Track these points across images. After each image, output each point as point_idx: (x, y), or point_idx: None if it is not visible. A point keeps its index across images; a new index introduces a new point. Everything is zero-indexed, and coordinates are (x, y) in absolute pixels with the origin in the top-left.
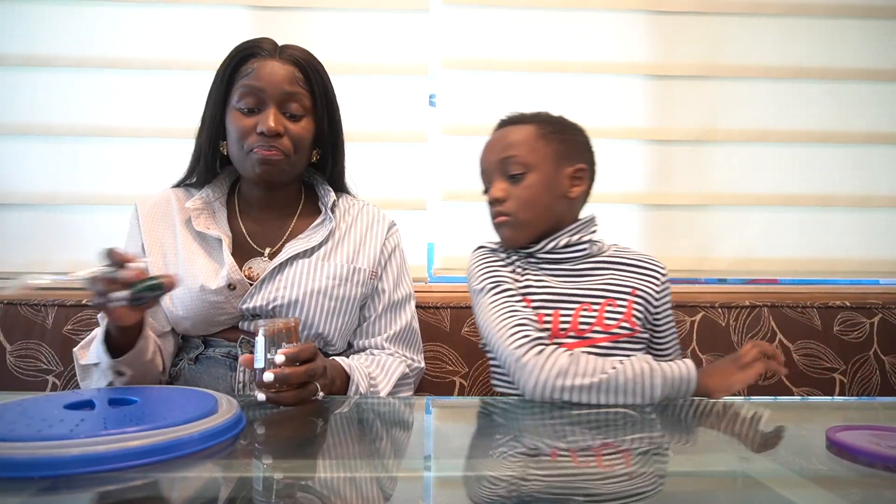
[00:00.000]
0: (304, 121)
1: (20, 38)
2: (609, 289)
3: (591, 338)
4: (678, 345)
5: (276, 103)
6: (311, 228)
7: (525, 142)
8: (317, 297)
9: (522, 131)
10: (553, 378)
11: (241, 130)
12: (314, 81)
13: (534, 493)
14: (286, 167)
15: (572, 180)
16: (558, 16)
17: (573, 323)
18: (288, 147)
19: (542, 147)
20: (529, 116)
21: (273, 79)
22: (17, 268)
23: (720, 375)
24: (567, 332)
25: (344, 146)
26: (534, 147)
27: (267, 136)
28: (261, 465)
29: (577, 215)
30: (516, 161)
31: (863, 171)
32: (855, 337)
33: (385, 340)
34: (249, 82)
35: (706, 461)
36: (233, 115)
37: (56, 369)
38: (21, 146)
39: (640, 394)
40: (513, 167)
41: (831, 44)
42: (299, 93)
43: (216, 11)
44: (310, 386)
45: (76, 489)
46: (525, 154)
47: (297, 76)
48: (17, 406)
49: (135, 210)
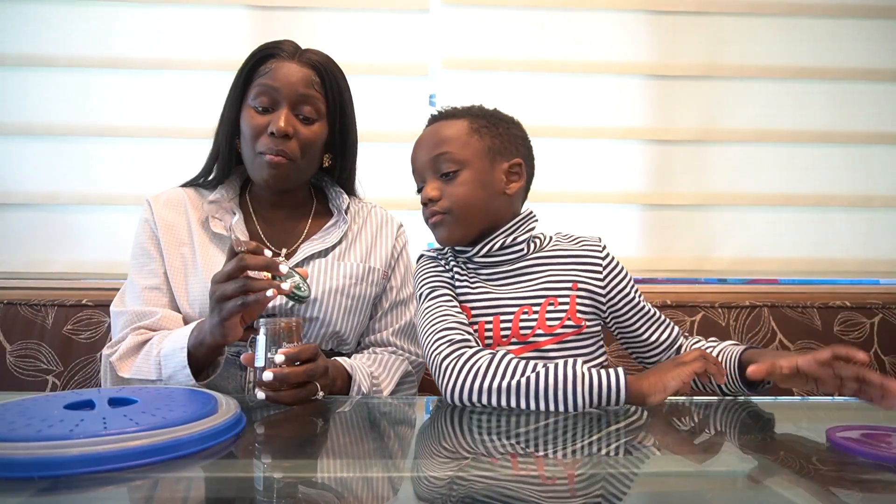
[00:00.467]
0: (317, 125)
1: (20, 38)
2: (549, 287)
3: (535, 342)
4: (664, 323)
5: (290, 104)
6: (325, 230)
7: (457, 138)
8: (335, 295)
9: (454, 127)
10: (469, 381)
11: (253, 129)
12: (329, 86)
13: (534, 493)
14: (292, 172)
15: (509, 176)
16: (558, 16)
17: (514, 328)
18: (295, 150)
19: (475, 142)
20: (461, 111)
21: (289, 80)
22: (17, 268)
23: (656, 375)
24: (509, 338)
25: (356, 152)
26: (466, 143)
27: (276, 136)
28: (261, 465)
29: (517, 212)
30: (448, 158)
31: (863, 171)
32: (855, 337)
33: (391, 335)
34: (265, 81)
35: (706, 461)
36: (247, 113)
37: (56, 369)
38: (21, 146)
39: (560, 401)
40: (445, 164)
41: (831, 44)
42: (313, 96)
43: (216, 11)
44: (309, 386)
45: (76, 489)
46: (457, 150)
47: (314, 79)
48: (17, 406)
49: (148, 206)
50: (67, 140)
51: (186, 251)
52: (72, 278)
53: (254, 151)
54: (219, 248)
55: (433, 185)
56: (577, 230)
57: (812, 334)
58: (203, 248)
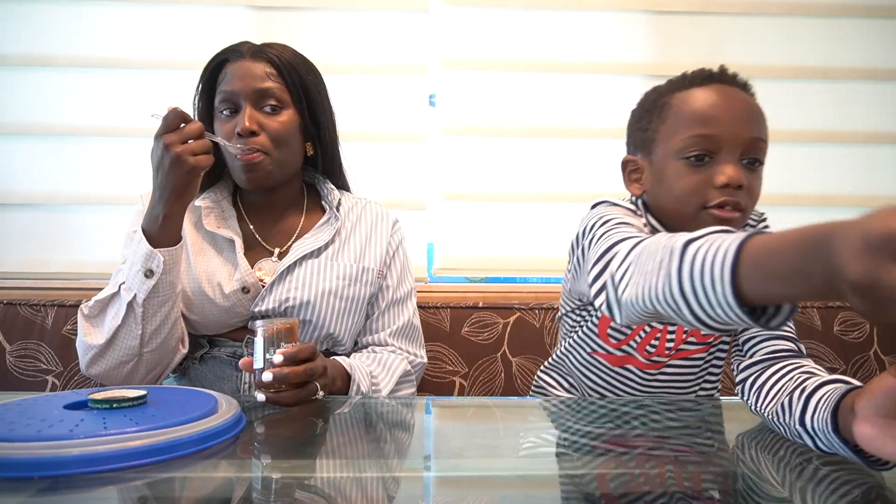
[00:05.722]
0: (284, 114)
1: (20, 38)
2: None
3: (685, 349)
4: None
5: (251, 102)
6: (317, 227)
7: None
8: (328, 297)
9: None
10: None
11: (223, 136)
12: (288, 73)
13: (534, 494)
14: (270, 167)
15: None
16: (558, 16)
17: (677, 337)
18: (266, 144)
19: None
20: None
21: (244, 79)
22: (17, 268)
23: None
24: (673, 348)
25: (336, 138)
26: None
27: (242, 136)
28: (261, 465)
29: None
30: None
31: (863, 171)
32: (855, 337)
33: (388, 336)
34: (224, 88)
35: (706, 461)
36: (217, 123)
37: (56, 369)
38: (21, 146)
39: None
40: (763, 152)
41: (831, 44)
42: (272, 87)
43: (216, 11)
44: (309, 386)
45: (76, 489)
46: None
47: (268, 71)
48: (17, 406)
49: (141, 202)
50: (67, 140)
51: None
52: (71, 278)
53: (230, 156)
54: (212, 246)
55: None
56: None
57: (812, 334)
58: (196, 247)
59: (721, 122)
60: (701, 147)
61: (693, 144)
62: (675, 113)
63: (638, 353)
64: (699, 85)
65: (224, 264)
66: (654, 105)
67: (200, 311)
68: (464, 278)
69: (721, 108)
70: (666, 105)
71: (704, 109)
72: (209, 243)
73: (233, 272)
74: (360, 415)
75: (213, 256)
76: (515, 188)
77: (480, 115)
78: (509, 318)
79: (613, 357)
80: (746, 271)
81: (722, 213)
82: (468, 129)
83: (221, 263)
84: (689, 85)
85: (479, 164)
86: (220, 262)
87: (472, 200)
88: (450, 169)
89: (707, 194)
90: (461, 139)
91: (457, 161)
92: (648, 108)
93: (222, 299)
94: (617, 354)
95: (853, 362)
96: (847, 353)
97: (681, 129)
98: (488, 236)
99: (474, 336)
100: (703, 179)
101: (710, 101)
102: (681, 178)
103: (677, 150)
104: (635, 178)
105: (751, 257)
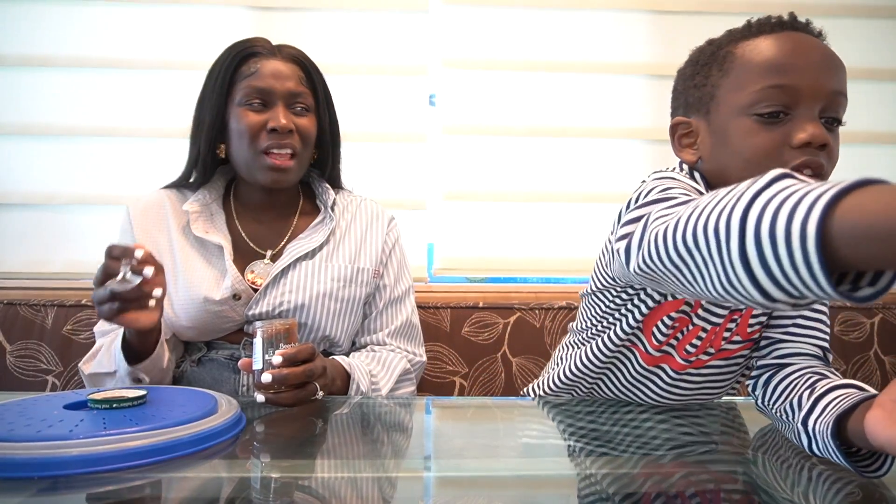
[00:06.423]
0: (310, 117)
1: (20, 38)
2: None
3: (728, 349)
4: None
5: (285, 102)
6: (312, 228)
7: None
8: (323, 299)
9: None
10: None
11: (250, 127)
12: (315, 80)
13: (535, 494)
14: (297, 168)
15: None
16: (558, 16)
17: (717, 338)
18: (297, 145)
19: None
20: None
21: (279, 78)
22: (17, 268)
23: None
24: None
25: (339, 143)
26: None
27: (280, 132)
28: (260, 465)
29: None
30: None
31: (863, 171)
32: (855, 337)
33: (387, 336)
34: (255, 83)
35: (706, 461)
36: (240, 114)
37: (56, 369)
38: (21, 146)
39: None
40: (842, 109)
41: (831, 44)
42: (304, 91)
43: (216, 11)
44: (309, 386)
45: (76, 489)
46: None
47: (300, 75)
48: (17, 406)
49: (126, 213)
50: (66, 140)
51: (167, 260)
52: (71, 278)
53: (253, 150)
54: (200, 252)
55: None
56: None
57: None
58: (184, 253)
59: (800, 71)
60: (776, 100)
61: (766, 98)
62: (743, 63)
63: (676, 353)
64: (769, 32)
65: (213, 271)
66: (712, 57)
67: (193, 319)
68: (464, 278)
69: (799, 55)
70: (729, 55)
71: (780, 57)
72: (197, 250)
73: (221, 278)
74: (359, 415)
75: (201, 264)
76: (515, 188)
77: (480, 115)
78: (509, 318)
79: (649, 357)
80: (843, 220)
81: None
82: (468, 129)
83: (210, 269)
84: (756, 33)
85: (479, 163)
86: (207, 269)
87: (472, 200)
88: (450, 169)
89: (783, 155)
90: (461, 139)
91: (457, 161)
92: (705, 62)
93: (213, 306)
94: (654, 355)
95: (853, 362)
96: (847, 353)
97: (750, 80)
98: (488, 236)
99: (474, 336)
100: (779, 138)
101: (787, 49)
102: (751, 137)
103: (746, 104)
104: (687, 142)
105: (854, 203)
